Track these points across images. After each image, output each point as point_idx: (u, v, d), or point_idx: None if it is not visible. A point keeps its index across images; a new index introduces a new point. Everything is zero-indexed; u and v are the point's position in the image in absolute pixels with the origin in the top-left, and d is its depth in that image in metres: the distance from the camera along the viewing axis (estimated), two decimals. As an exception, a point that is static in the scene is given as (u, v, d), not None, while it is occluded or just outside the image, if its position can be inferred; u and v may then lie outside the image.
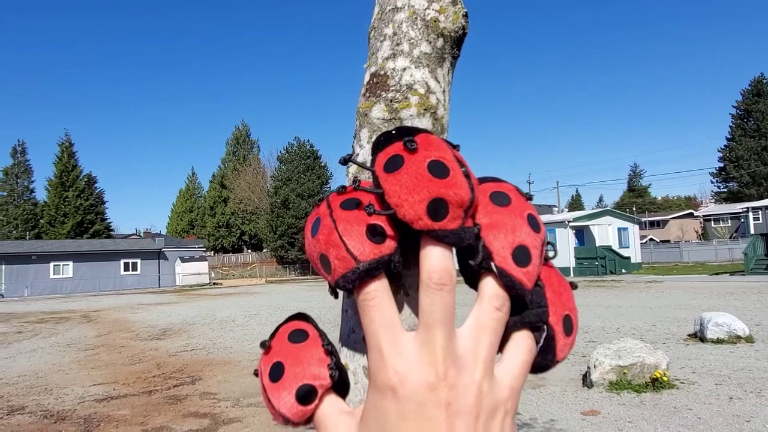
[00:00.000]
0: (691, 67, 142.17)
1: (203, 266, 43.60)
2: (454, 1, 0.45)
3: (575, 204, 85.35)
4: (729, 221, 54.75)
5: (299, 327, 0.42)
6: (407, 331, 0.37)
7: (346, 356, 0.51)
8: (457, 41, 0.45)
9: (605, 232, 33.23)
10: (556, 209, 53.46)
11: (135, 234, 69.11)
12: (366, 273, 0.36)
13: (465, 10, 0.45)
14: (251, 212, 61.63)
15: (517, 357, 0.38)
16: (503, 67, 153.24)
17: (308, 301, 20.86)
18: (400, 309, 0.45)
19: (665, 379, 6.33)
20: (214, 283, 42.87)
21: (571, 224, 32.09)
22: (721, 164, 61.90)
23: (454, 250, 0.38)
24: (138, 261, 42.61)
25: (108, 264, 41.32)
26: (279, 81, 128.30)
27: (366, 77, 0.49)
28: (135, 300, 27.49)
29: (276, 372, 0.40)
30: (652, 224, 62.21)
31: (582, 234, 33.79)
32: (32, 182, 60.16)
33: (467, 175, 0.37)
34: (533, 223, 0.38)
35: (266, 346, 0.42)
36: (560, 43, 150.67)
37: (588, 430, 5.13)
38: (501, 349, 0.39)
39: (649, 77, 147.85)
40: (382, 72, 0.47)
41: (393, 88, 0.46)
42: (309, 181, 50.65)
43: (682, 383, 6.53)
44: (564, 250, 31.65)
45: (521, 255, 0.37)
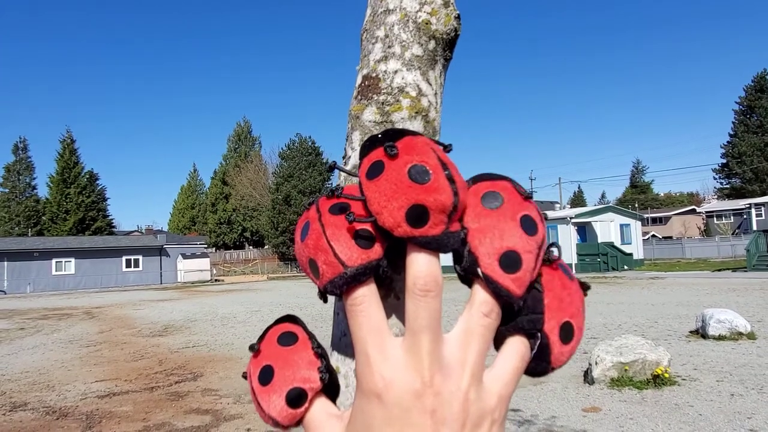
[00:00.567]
0: (694, 63, 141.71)
1: (205, 263, 43.67)
2: (446, 3, 0.44)
3: (577, 200, 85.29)
4: (731, 217, 54.66)
5: (288, 329, 0.42)
6: (395, 337, 0.36)
7: (338, 359, 0.51)
8: (449, 43, 0.45)
9: (607, 229, 33.19)
10: (558, 206, 53.42)
11: (137, 231, 69.23)
12: (353, 278, 0.36)
13: (457, 12, 0.44)
14: (253, 209, 61.73)
15: (509, 363, 0.37)
16: (506, 64, 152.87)
17: (309, 298, 20.89)
18: (390, 314, 0.44)
19: (666, 376, 6.33)
20: (216, 280, 42.94)
21: (573, 221, 32.04)
22: (724, 160, 61.75)
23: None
24: (140, 258, 42.70)
25: (110, 261, 41.41)
26: (281, 77, 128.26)
27: (358, 79, 0.49)
28: (137, 296, 27.56)
29: (266, 375, 0.39)
30: (655, 221, 62.11)
31: (584, 230, 33.76)
32: (34, 179, 60.36)
33: (450, 179, 0.35)
34: (528, 226, 0.36)
35: (255, 349, 0.41)
36: (562, 40, 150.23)
37: (589, 427, 5.13)
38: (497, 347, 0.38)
39: (652, 73, 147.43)
40: (374, 74, 0.46)
41: (384, 91, 0.46)
42: (311, 178, 50.67)
43: (684, 380, 6.53)
44: (566, 247, 31.60)
45: (509, 261, 0.35)
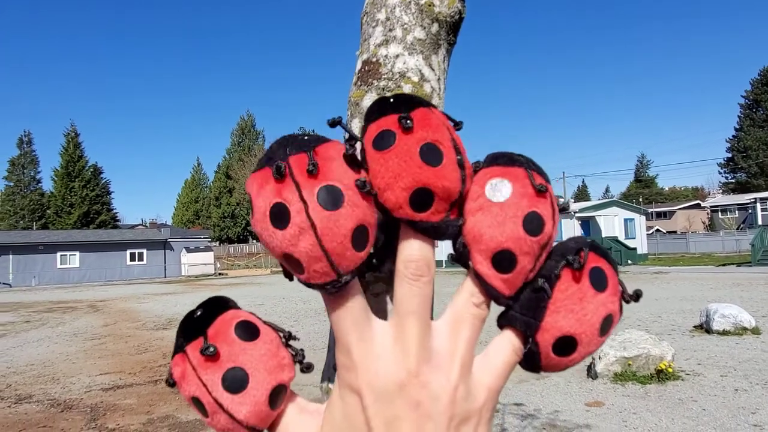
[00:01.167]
0: (700, 57, 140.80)
1: (208, 257, 43.76)
2: (451, -16, 0.42)
3: (581, 195, 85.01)
4: (736, 212, 54.40)
5: (240, 319, 0.35)
6: (379, 324, 0.34)
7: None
8: (453, 27, 0.43)
9: (611, 223, 33.10)
10: (562, 200, 53.25)
11: (141, 224, 69.42)
12: (348, 282, 0.33)
13: (461, -6, 0.43)
14: (256, 203, 61.72)
15: (501, 356, 0.35)
16: (510, 57, 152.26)
17: (312, 291, 20.85)
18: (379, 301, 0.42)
19: (670, 371, 6.32)
20: (220, 274, 43.05)
21: (577, 215, 31.98)
22: (729, 154, 61.50)
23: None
24: (144, 251, 42.82)
25: (114, 254, 41.54)
26: (284, 71, 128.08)
27: (358, 65, 0.47)
28: (141, 290, 27.66)
29: (236, 381, 0.33)
30: (659, 215, 61.91)
31: (588, 225, 33.66)
32: (39, 173, 60.55)
33: (461, 164, 0.33)
34: (532, 225, 0.33)
35: (213, 353, 0.33)
36: (566, 34, 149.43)
37: (592, 421, 5.12)
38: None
39: (658, 67, 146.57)
40: (374, 59, 0.44)
41: (385, 76, 0.44)
42: (314, 172, 50.56)
43: (687, 375, 6.51)
44: (569, 241, 31.52)
45: (503, 260, 0.33)
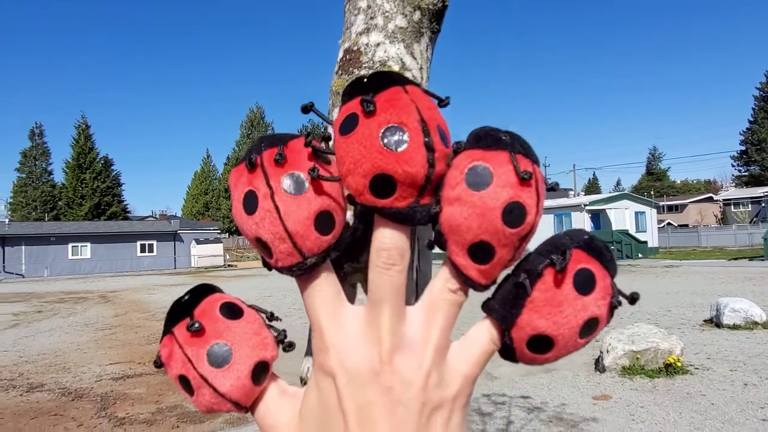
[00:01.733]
0: (714, 49, 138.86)
1: (218, 248, 44.02)
2: (433, -29, 0.41)
3: (592, 187, 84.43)
4: (749, 205, 53.85)
5: (225, 300, 0.37)
6: (352, 309, 0.34)
7: None
8: (437, 15, 0.42)
9: (622, 216, 32.85)
10: (573, 193, 52.90)
11: (151, 216, 69.98)
12: (313, 267, 0.33)
13: (445, -19, 0.42)
14: (266, 195, 61.95)
15: (479, 344, 0.35)
16: (520, 48, 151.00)
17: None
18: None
19: (679, 365, 6.28)
20: (229, 265, 43.31)
21: (587, 208, 31.76)
22: (743, 147, 60.74)
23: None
24: (154, 243, 43.15)
25: (125, 245, 41.91)
26: (293, 63, 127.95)
27: (339, 53, 0.45)
28: (151, 281, 27.90)
29: (219, 355, 0.35)
30: (671, 208, 61.40)
31: (598, 218, 33.44)
32: (50, 164, 61.05)
33: (429, 146, 0.31)
34: (512, 217, 0.31)
35: (199, 329, 0.35)
36: (579, 26, 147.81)
37: (599, 415, 5.11)
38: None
39: (670, 59, 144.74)
40: (356, 48, 0.43)
41: (366, 65, 0.43)
42: (323, 164, 50.65)
43: (696, 369, 6.47)
44: (579, 234, 31.35)
45: (480, 251, 0.32)
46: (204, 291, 0.38)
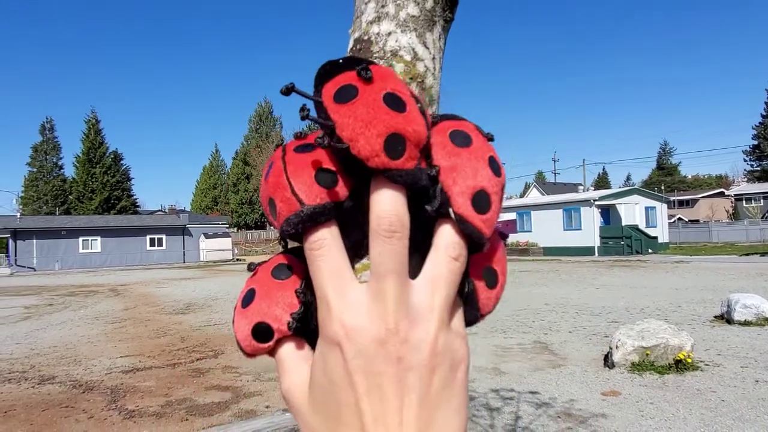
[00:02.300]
0: (725, 42, 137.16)
1: (226, 242, 44.24)
2: (447, -44, 0.39)
3: (602, 182, 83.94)
4: (761, 200, 53.32)
5: (288, 262, 0.40)
6: (359, 282, 0.34)
7: None
8: (450, 3, 0.40)
9: (632, 211, 32.62)
10: (582, 187, 52.61)
11: (160, 210, 70.37)
12: (310, 218, 0.34)
13: (459, -33, 0.40)
14: (274, 189, 62.10)
15: (457, 306, 0.37)
16: (531, 43, 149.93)
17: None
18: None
19: (689, 361, 6.23)
20: (237, 259, 43.53)
21: (597, 203, 31.55)
22: (755, 142, 60.07)
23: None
24: (163, 237, 43.46)
25: (134, 239, 42.24)
26: (302, 57, 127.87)
27: (350, 44, 0.44)
28: (160, 275, 28.09)
29: (248, 298, 0.39)
30: (681, 203, 60.94)
31: (608, 213, 33.24)
32: (61, 159, 61.62)
33: (422, 112, 0.34)
34: (494, 167, 0.36)
35: (253, 269, 0.41)
36: (588, 20, 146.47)
37: (608, 411, 5.08)
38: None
39: (682, 52, 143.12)
40: (366, 37, 0.42)
41: (377, 55, 0.41)
42: (331, 159, 50.64)
43: (707, 365, 6.42)
44: (589, 229, 31.22)
45: (481, 200, 0.35)
46: (293, 250, 0.40)
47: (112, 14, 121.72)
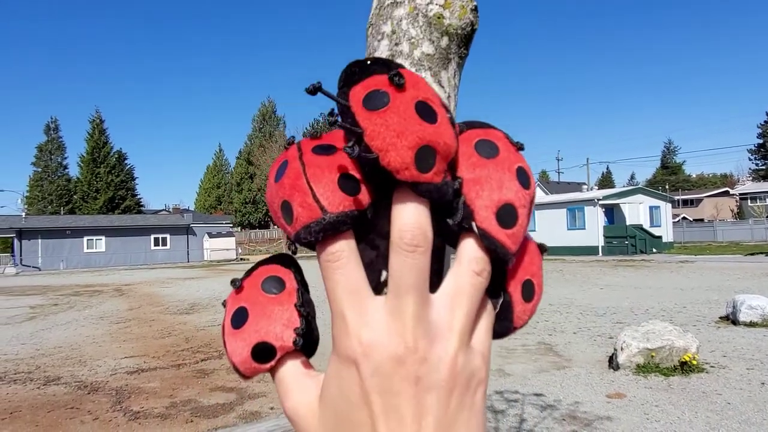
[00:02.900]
0: (730, 40, 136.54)
1: (230, 242, 44.33)
2: (462, -7, 0.39)
3: (606, 181, 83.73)
4: (766, 200, 53.05)
5: (276, 274, 0.38)
6: (376, 297, 0.33)
7: None
8: (465, 39, 0.40)
9: (636, 211, 32.51)
10: (586, 187, 52.49)
11: (164, 210, 70.58)
12: (332, 225, 0.32)
13: (474, 4, 0.39)
14: (278, 189, 62.20)
15: (481, 320, 0.35)
16: (533, 41, 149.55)
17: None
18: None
19: (694, 363, 6.20)
20: (241, 259, 43.59)
21: (601, 202, 31.45)
22: (760, 140, 59.78)
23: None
24: (167, 236, 43.58)
25: (139, 239, 42.38)
26: (305, 56, 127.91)
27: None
28: (165, 274, 28.16)
29: (239, 318, 0.37)
30: (686, 203, 60.72)
31: (612, 212, 33.15)
32: (65, 158, 61.89)
33: (452, 122, 0.33)
34: (523, 178, 0.34)
35: (237, 286, 0.38)
36: (592, 17, 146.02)
37: (613, 413, 5.07)
38: None
39: (686, 50, 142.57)
40: (380, 76, 0.41)
41: (390, 96, 0.41)
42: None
43: (712, 367, 6.39)
44: (593, 229, 31.14)
45: (506, 214, 0.33)
46: (276, 259, 0.40)
47: (116, 14, 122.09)
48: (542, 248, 0.39)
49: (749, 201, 55.10)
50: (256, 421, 5.31)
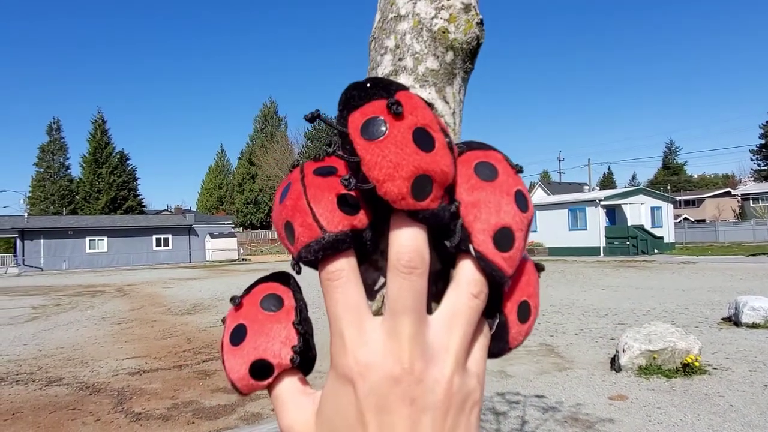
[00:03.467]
0: (732, 40, 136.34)
1: (232, 242, 44.35)
2: (467, 8, 0.38)
3: (607, 182, 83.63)
4: (768, 200, 52.92)
5: (275, 292, 0.39)
6: (374, 317, 0.34)
7: None
8: (470, 54, 0.39)
9: (638, 211, 32.46)
10: (587, 187, 52.40)
11: (166, 210, 70.63)
12: (331, 245, 0.33)
13: (480, 17, 0.38)
14: (279, 189, 62.26)
15: (477, 342, 0.36)
16: (535, 41, 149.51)
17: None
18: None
19: (697, 365, 6.19)
20: (243, 259, 43.60)
21: (602, 203, 31.42)
22: (762, 141, 59.64)
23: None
24: (169, 236, 43.61)
25: (141, 239, 42.41)
26: (307, 57, 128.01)
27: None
28: (166, 275, 28.19)
29: (238, 335, 0.37)
30: (687, 203, 60.62)
31: (613, 213, 33.10)
32: (67, 159, 61.97)
33: (451, 148, 0.33)
34: (521, 202, 0.35)
35: (237, 303, 0.39)
36: (593, 17, 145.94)
37: (615, 415, 5.06)
38: None
39: (687, 50, 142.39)
40: (382, 93, 0.41)
41: (394, 112, 0.40)
42: (336, 158, 50.68)
43: (715, 369, 6.37)
44: (594, 230, 31.10)
45: (503, 238, 0.33)
46: (275, 277, 0.41)
47: (118, 14, 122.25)
48: (539, 267, 0.40)
49: (751, 201, 54.99)
50: (258, 423, 5.31)
